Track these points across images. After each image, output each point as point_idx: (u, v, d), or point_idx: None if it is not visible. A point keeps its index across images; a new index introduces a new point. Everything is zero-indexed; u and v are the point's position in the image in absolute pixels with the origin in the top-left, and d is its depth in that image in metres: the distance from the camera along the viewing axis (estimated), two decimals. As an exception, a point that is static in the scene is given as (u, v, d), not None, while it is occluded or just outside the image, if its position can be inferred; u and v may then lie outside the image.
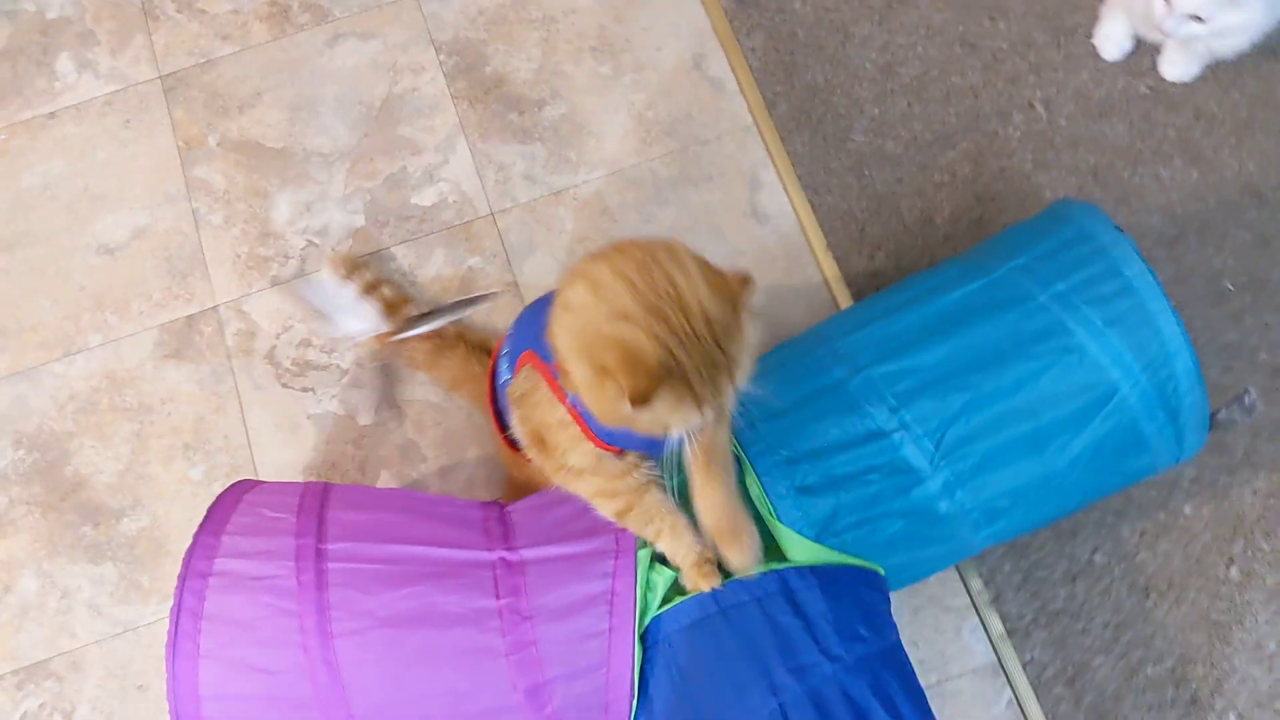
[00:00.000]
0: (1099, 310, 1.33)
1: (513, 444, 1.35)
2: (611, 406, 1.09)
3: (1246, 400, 1.38)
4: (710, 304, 1.08)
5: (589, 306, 1.09)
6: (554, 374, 1.19)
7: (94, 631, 1.59)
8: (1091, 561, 1.56)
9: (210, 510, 1.30)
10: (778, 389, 1.34)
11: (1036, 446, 1.34)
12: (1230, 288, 1.68)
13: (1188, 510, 1.57)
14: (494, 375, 1.40)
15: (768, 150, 1.82)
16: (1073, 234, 1.39)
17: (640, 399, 1.05)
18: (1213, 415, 1.38)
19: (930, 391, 1.34)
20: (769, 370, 1.33)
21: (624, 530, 1.30)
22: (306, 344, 1.73)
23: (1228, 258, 1.70)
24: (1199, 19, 1.58)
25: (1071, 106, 1.81)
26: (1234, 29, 1.61)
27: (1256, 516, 1.56)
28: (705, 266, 1.11)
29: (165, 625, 1.48)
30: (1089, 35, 1.84)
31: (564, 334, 1.12)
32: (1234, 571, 1.55)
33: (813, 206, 1.77)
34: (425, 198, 1.81)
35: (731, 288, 1.10)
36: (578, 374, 1.11)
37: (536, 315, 1.25)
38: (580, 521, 1.33)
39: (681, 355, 1.07)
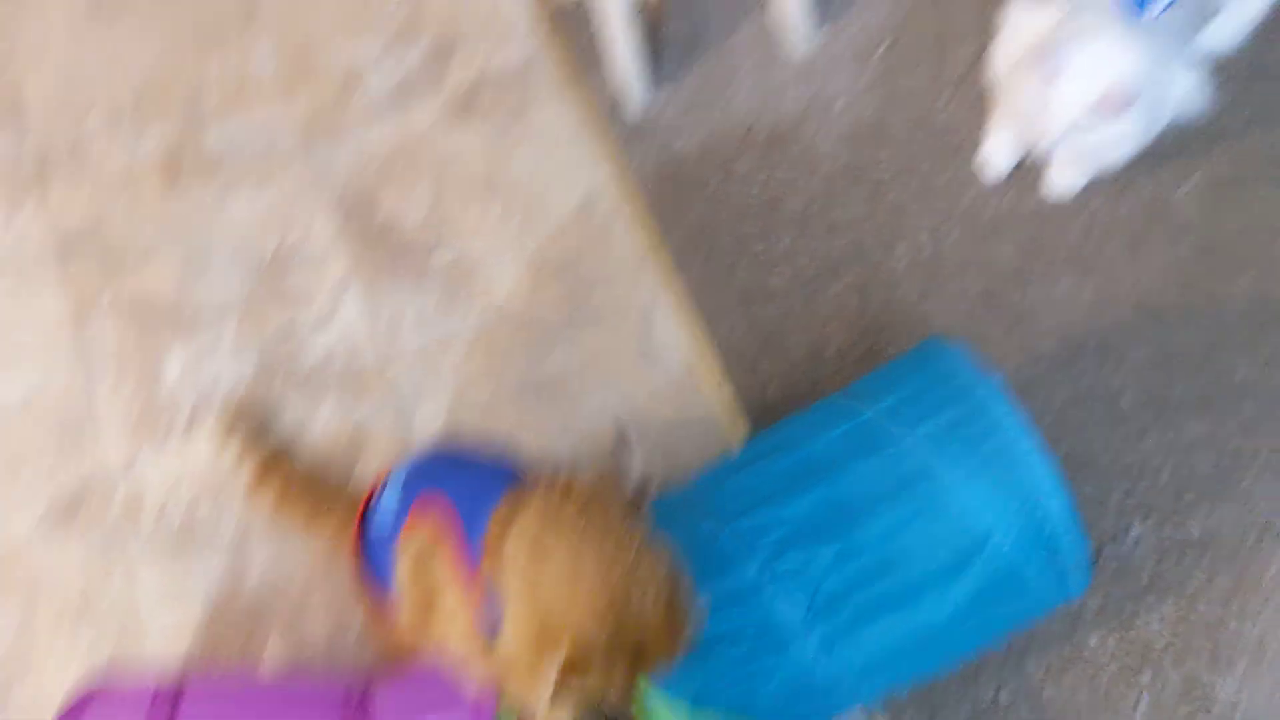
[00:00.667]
0: (967, 452, 1.30)
1: (375, 594, 1.32)
2: (526, 654, 1.07)
3: (1130, 535, 1.34)
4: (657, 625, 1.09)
5: (558, 571, 1.08)
6: (470, 546, 1.17)
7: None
8: (996, 700, 1.50)
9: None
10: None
11: (912, 598, 1.29)
12: (1128, 408, 1.65)
13: (1093, 641, 1.52)
14: (366, 523, 1.37)
15: (658, 288, 1.80)
16: (939, 373, 1.37)
17: (568, 678, 1.05)
18: (1095, 555, 1.34)
19: (801, 542, 1.30)
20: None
21: (483, 702, 1.25)
22: (196, 504, 1.70)
23: (1127, 377, 1.67)
24: (1075, 136, 1.57)
25: (957, 231, 1.79)
26: (1111, 144, 1.60)
27: (1165, 644, 1.50)
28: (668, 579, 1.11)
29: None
30: (972, 157, 1.83)
31: (521, 573, 1.11)
32: (1144, 704, 1.48)
33: (705, 343, 1.75)
34: (315, 348, 1.79)
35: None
36: (517, 613, 1.10)
37: (445, 465, 1.23)
38: (439, 692, 1.28)
39: (614, 660, 1.07)
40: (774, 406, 1.69)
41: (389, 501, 1.31)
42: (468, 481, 1.26)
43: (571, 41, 2.00)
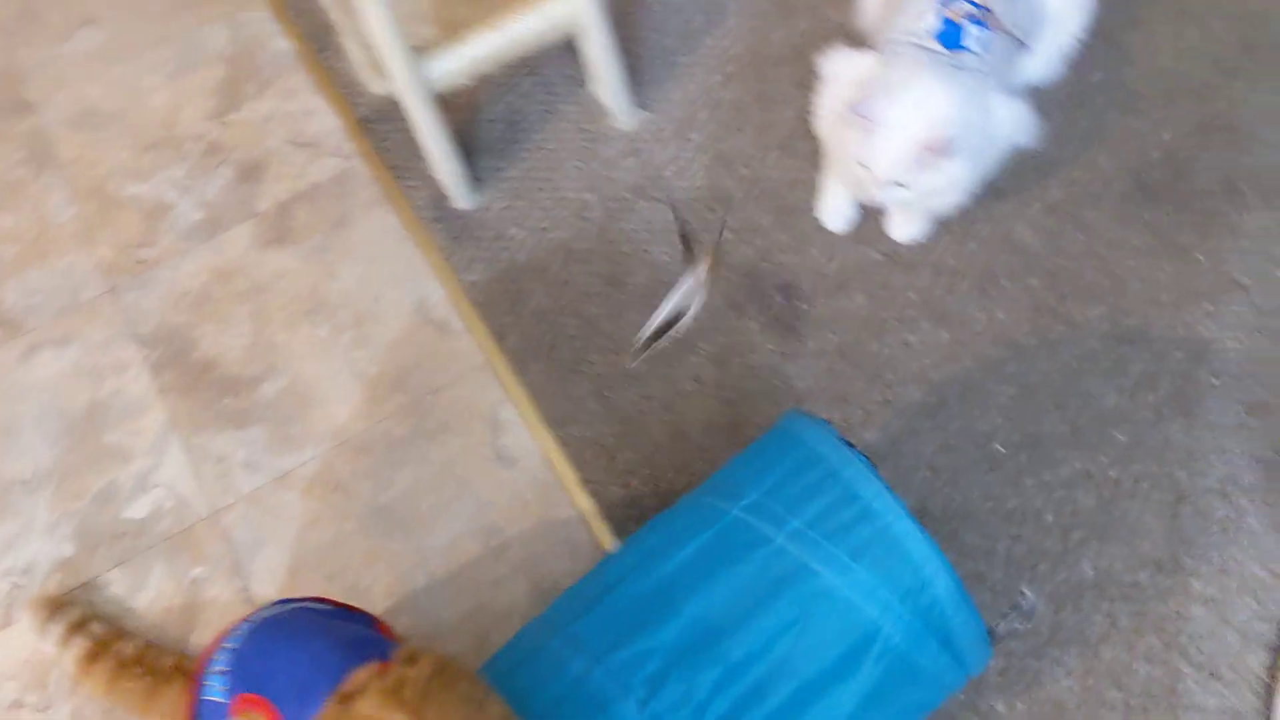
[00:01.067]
0: (842, 543, 1.20)
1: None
2: None
3: (1024, 605, 1.26)
4: None
5: None
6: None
7: None
8: (911, 785, 1.39)
9: None
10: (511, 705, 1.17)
11: (804, 706, 1.18)
12: (1001, 450, 1.58)
13: (1000, 708, 1.43)
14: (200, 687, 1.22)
15: (504, 388, 1.70)
16: (802, 459, 1.27)
17: None
18: (991, 631, 1.25)
19: (678, 673, 1.18)
20: (495, 682, 1.17)
21: None
22: (21, 701, 1.52)
23: (995, 417, 1.61)
24: (902, 185, 1.52)
25: (807, 287, 1.72)
26: (941, 189, 1.55)
27: (1077, 703, 1.42)
28: None
29: None
30: (811, 212, 1.77)
31: None
32: (1065, 766, 1.40)
33: (559, 440, 1.65)
34: (139, 509, 1.64)
35: None
36: None
37: (272, 650, 1.09)
38: None
39: None
40: (640, 499, 1.59)
41: (213, 690, 1.17)
42: (296, 671, 1.12)
43: (385, 145, 1.91)
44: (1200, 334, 1.64)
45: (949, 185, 1.55)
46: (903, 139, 1.46)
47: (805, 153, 1.82)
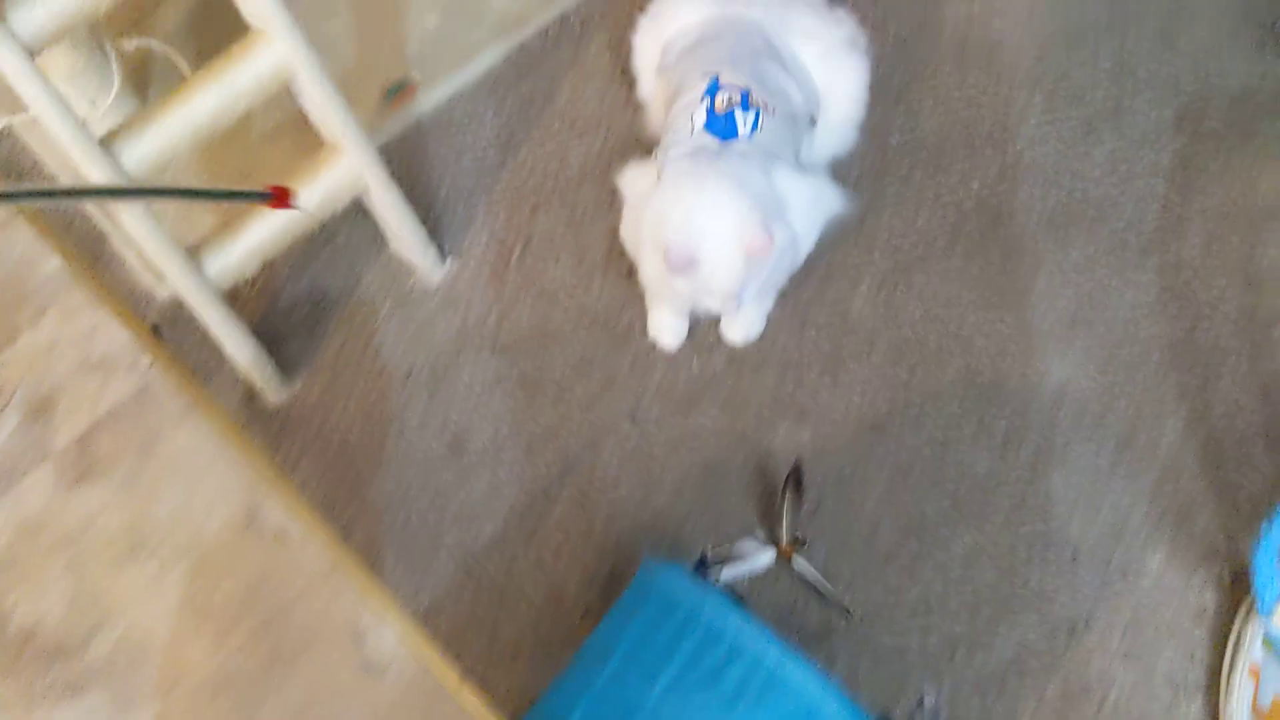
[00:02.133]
0: (715, 688, 1.11)
1: None
2: None
3: (926, 706, 1.18)
4: None
5: None
6: None
7: None
8: None
9: None
10: None
11: None
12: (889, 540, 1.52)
13: (950, 819, 1.34)
14: None
15: (359, 590, 1.56)
16: (661, 606, 1.19)
17: None
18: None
19: None
20: None
21: None
22: None
23: (875, 506, 1.54)
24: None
25: (658, 410, 1.64)
26: (779, 269, 1.49)
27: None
28: None
29: None
30: (644, 333, 1.70)
31: None
32: None
33: (430, 634, 1.51)
34: (-29, 819, 1.44)
35: None
36: None
37: None
38: None
39: None
40: (529, 685, 1.47)
41: None
42: None
43: (183, 350, 1.77)
44: (1054, 378, 1.61)
45: (779, 260, 1.48)
46: (729, 258, 1.40)
47: (625, 270, 1.75)
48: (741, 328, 1.67)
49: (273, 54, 1.52)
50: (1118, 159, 1.77)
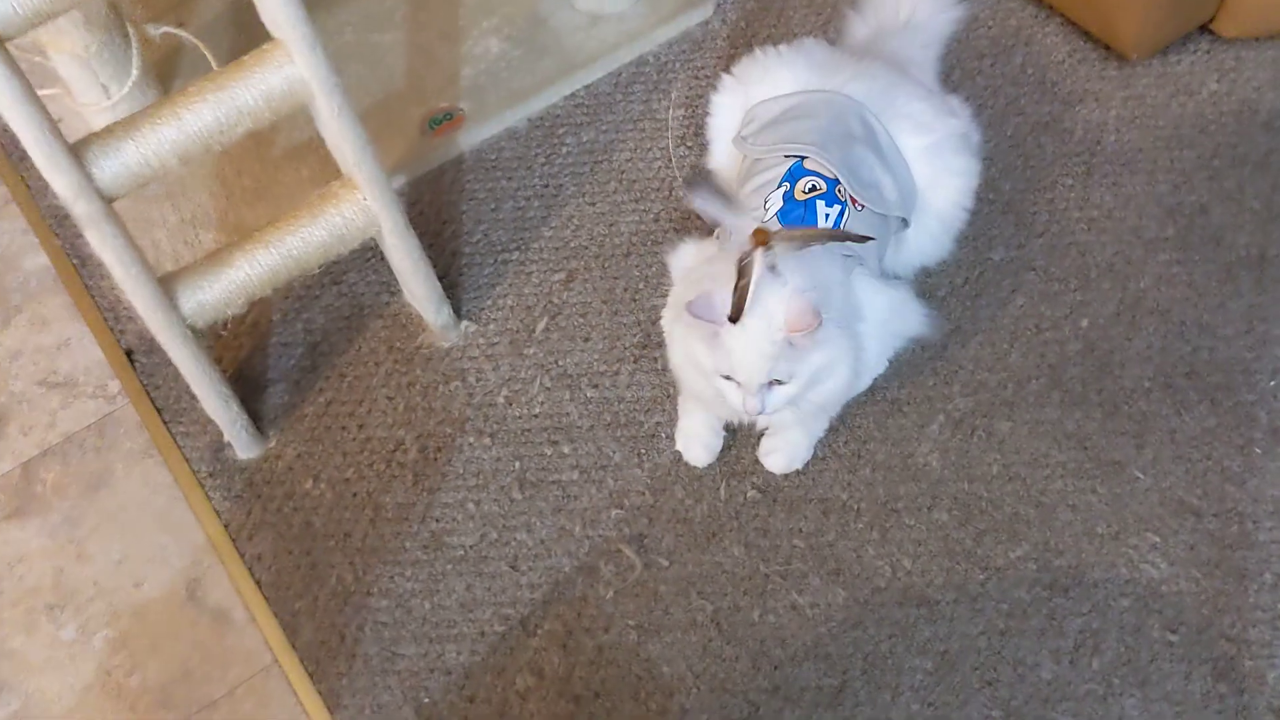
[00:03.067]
0: None
1: None
2: None
3: None
4: None
5: None
6: None
7: None
8: None
9: None
10: None
11: None
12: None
13: None
14: None
15: (298, 699, 1.34)
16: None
17: None
18: None
19: None
20: None
21: None
22: None
23: (910, 702, 1.29)
24: (780, 381, 1.19)
25: (671, 538, 1.40)
26: (825, 372, 1.22)
27: None
28: None
29: None
30: (671, 441, 1.46)
31: None
32: None
33: (366, 766, 1.29)
34: None
35: None
36: None
37: None
38: None
39: None
40: None
41: None
42: None
43: (155, 382, 1.57)
44: (1148, 574, 1.34)
45: (831, 365, 1.22)
46: (763, 327, 1.15)
47: (661, 364, 1.51)
48: (784, 454, 1.42)
49: (288, 71, 1.31)
50: (1255, 317, 1.49)
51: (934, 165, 1.41)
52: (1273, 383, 1.44)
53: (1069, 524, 1.37)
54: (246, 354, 1.59)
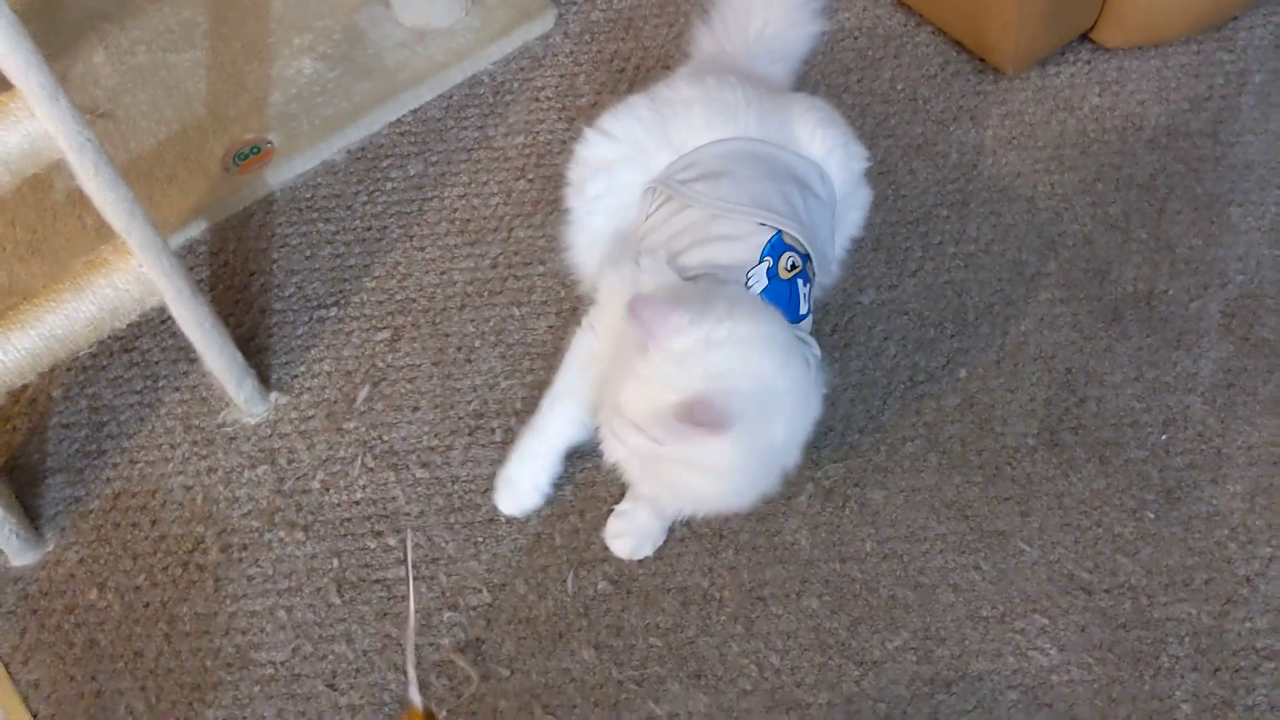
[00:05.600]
0: None
1: None
2: None
3: None
4: None
5: None
6: None
7: None
8: None
9: None
10: None
11: None
12: None
13: None
14: None
15: None
16: None
17: None
18: None
19: None
20: None
21: None
22: None
23: (780, 816, 1.15)
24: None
25: (511, 643, 1.24)
26: (694, 478, 1.05)
27: None
28: None
29: None
30: (510, 521, 1.29)
31: None
32: None
33: None
34: None
35: None
36: None
37: None
38: None
39: None
40: None
41: None
42: None
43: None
44: (1036, 662, 1.22)
45: (708, 472, 1.05)
46: (662, 383, 0.99)
47: (502, 438, 1.34)
48: (633, 537, 1.27)
49: (28, 126, 1.10)
50: (1144, 361, 1.38)
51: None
52: (1164, 436, 1.33)
53: (951, 606, 1.24)
54: (22, 439, 1.38)
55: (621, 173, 1.24)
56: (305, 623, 1.26)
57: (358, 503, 1.32)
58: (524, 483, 1.25)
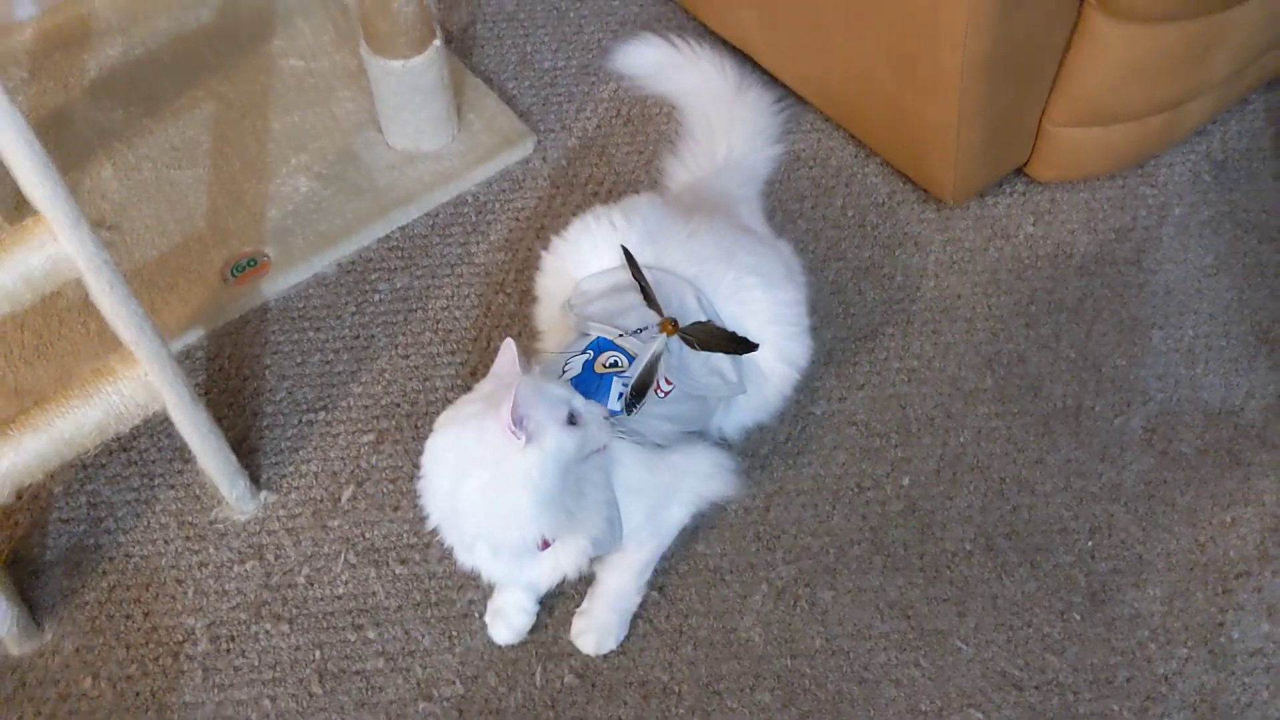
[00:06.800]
0: None
1: None
2: None
3: None
4: None
5: None
6: None
7: None
8: None
9: None
10: None
11: None
12: None
13: None
14: None
15: None
16: None
17: None
18: None
19: None
20: None
21: None
22: None
23: None
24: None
25: (481, 733, 1.32)
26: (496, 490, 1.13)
27: None
28: None
29: None
30: (482, 614, 1.39)
31: None
32: None
33: None
34: None
35: None
36: None
37: None
38: None
39: None
40: None
41: None
42: None
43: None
44: (972, 755, 1.31)
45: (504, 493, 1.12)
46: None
47: (476, 538, 1.43)
48: (595, 634, 1.36)
49: (51, 250, 1.21)
50: (1072, 472, 1.49)
51: (767, 346, 1.38)
52: (1090, 543, 1.44)
53: (893, 701, 1.34)
54: (23, 532, 1.46)
55: (566, 271, 1.43)
56: (288, 712, 1.33)
57: (340, 597, 1.41)
58: (512, 612, 1.36)
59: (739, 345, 1.32)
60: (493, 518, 1.13)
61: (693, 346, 1.30)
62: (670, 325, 1.29)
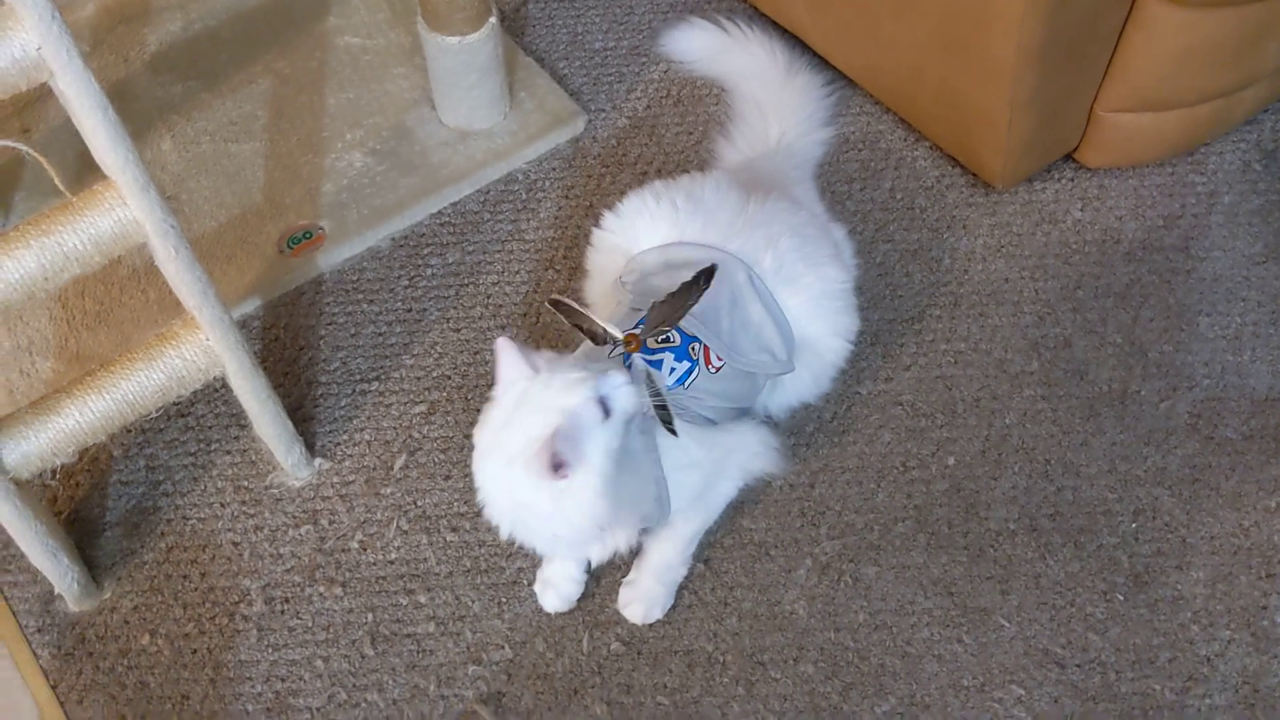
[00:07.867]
0: None
1: None
2: None
3: None
4: None
5: None
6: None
7: None
8: None
9: None
10: None
11: None
12: None
13: None
14: None
15: None
16: None
17: None
18: None
19: None
20: None
21: None
22: None
23: None
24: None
25: (530, 696, 1.35)
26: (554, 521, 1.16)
27: None
28: None
29: None
30: (530, 582, 1.41)
31: None
32: None
33: None
34: None
35: None
36: None
37: None
38: None
39: None
40: None
41: None
42: None
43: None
44: (1013, 730, 1.32)
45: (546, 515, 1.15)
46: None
47: (525, 507, 1.45)
48: (642, 604, 1.38)
49: (120, 213, 1.24)
50: (1117, 456, 1.50)
51: (817, 322, 1.39)
52: (1134, 525, 1.44)
53: (935, 675, 1.35)
54: (84, 494, 1.50)
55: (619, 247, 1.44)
56: (340, 672, 1.36)
57: (391, 562, 1.44)
58: (561, 581, 1.38)
59: (694, 287, 1.25)
60: (560, 532, 1.16)
61: (664, 334, 1.27)
62: (634, 341, 1.25)
